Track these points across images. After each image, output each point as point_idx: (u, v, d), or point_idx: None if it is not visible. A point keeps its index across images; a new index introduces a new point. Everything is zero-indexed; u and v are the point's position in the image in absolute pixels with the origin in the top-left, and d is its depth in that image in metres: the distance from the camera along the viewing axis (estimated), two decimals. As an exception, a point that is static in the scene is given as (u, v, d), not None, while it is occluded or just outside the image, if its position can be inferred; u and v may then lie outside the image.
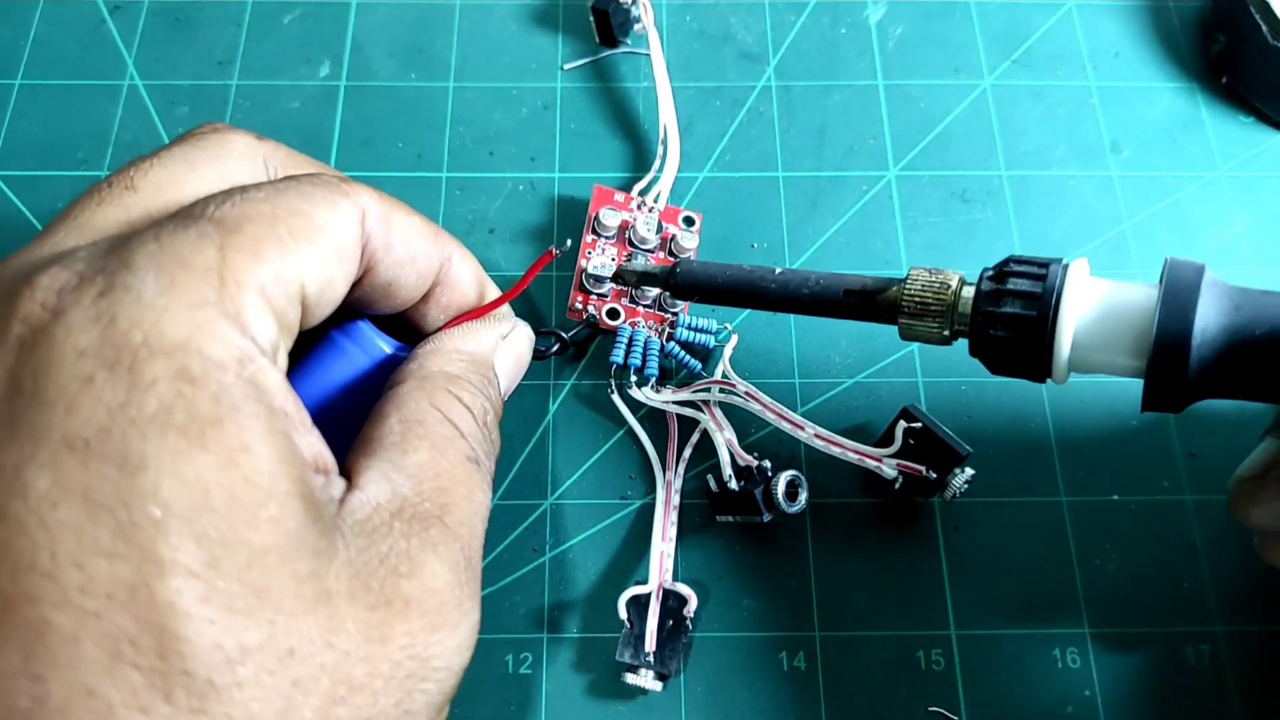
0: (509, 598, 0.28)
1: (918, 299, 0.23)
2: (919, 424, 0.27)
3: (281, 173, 0.23)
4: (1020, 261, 0.22)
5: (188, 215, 0.19)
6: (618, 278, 0.29)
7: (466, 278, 0.25)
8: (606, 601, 0.28)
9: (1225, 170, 0.35)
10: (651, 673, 0.26)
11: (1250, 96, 0.35)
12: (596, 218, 0.32)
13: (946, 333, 0.23)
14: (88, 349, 0.17)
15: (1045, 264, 0.22)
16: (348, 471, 0.21)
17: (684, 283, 0.26)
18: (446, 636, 0.20)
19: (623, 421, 0.30)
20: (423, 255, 0.23)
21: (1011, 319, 0.22)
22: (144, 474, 0.16)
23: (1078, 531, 0.29)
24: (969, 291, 0.23)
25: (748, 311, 0.32)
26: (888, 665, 0.27)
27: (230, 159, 0.23)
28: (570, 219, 0.34)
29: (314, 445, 0.19)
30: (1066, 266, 0.22)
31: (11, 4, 0.37)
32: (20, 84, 0.36)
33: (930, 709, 0.27)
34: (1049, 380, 0.22)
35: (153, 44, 0.37)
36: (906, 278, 0.24)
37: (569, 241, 0.26)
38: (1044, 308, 0.21)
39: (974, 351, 0.23)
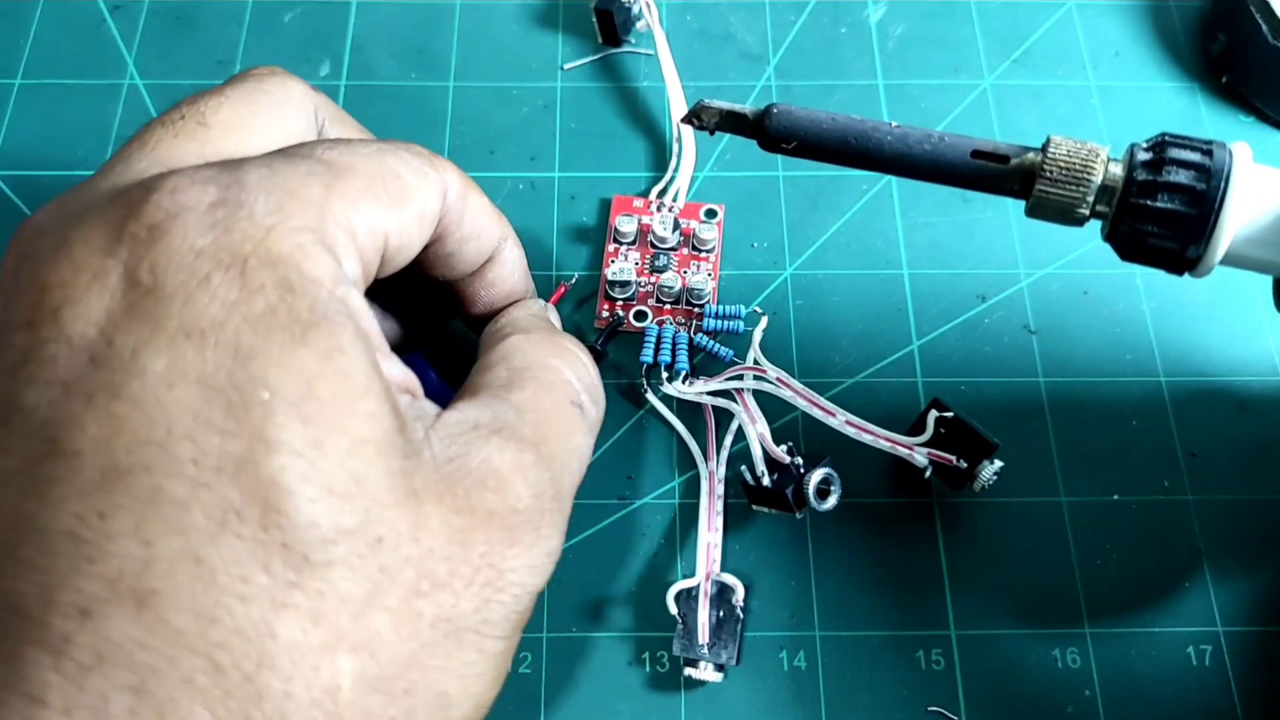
0: (509, 597, 0.28)
1: (1063, 164, 0.21)
2: (950, 413, 0.27)
3: (329, 126, 0.25)
4: (1178, 145, 0.20)
5: (298, 153, 0.21)
6: (694, 116, 0.24)
7: (515, 259, 0.27)
8: (606, 601, 0.28)
9: (1226, 170, 0.34)
10: (710, 665, 0.26)
11: (1250, 96, 0.35)
12: (615, 226, 0.32)
13: (1085, 211, 0.21)
14: (204, 250, 0.18)
15: (1208, 150, 0.20)
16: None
17: (780, 127, 0.23)
18: (522, 553, 0.20)
19: (624, 420, 0.30)
20: (485, 234, 0.25)
21: (1167, 217, 0.20)
22: (254, 362, 0.17)
23: (1078, 531, 0.29)
24: (1117, 170, 0.21)
25: (759, 299, 0.32)
26: (888, 665, 0.27)
27: (288, 105, 0.24)
28: (570, 218, 0.34)
29: (397, 368, 0.20)
30: (1232, 154, 0.20)
31: (11, 4, 0.37)
32: (20, 83, 0.36)
33: (930, 709, 0.27)
34: (1185, 274, 0.21)
35: (153, 43, 0.37)
36: (1047, 143, 0.22)
37: (575, 277, 0.30)
38: (1206, 206, 0.20)
39: (1109, 238, 0.22)
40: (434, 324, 0.29)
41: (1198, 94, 0.36)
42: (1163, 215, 0.20)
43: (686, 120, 0.25)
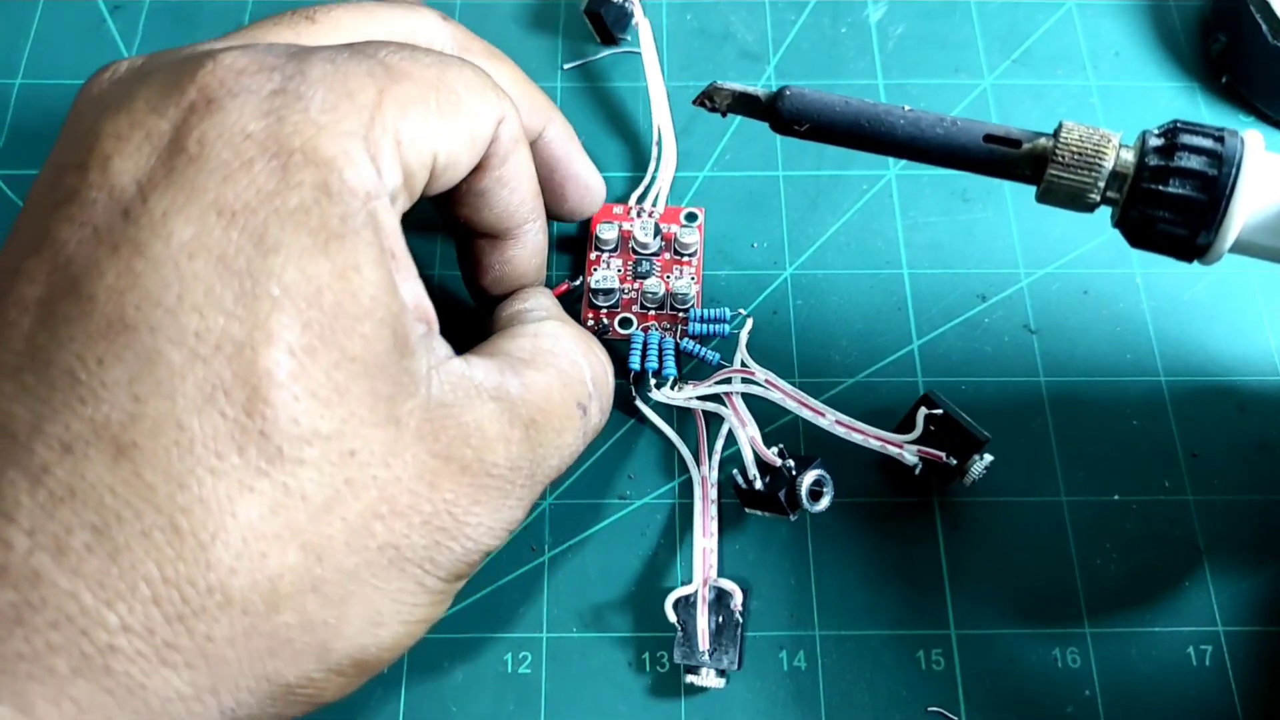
0: (508, 597, 0.28)
1: (1075, 149, 0.21)
2: (939, 410, 0.27)
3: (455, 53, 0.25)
4: (1191, 131, 0.21)
5: (362, 51, 0.21)
6: (707, 97, 0.25)
7: (538, 247, 0.27)
8: (606, 601, 0.28)
9: (1226, 170, 0.34)
10: (712, 671, 0.26)
11: (1251, 96, 0.35)
12: (596, 234, 0.32)
13: (1095, 197, 0.21)
14: (254, 134, 0.19)
15: (1220, 137, 0.20)
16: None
17: (793, 109, 0.23)
18: (484, 512, 0.21)
19: (623, 421, 0.30)
20: (521, 190, 0.25)
21: (1178, 202, 0.20)
22: (275, 256, 0.18)
23: (1078, 531, 0.29)
24: (1128, 156, 0.21)
25: (750, 308, 0.32)
26: (888, 665, 0.27)
27: (415, 22, 0.25)
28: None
29: (415, 293, 0.21)
30: (1244, 142, 0.20)
31: (12, 3, 0.37)
32: (20, 83, 0.36)
33: (930, 709, 0.27)
34: (1196, 261, 0.21)
35: (153, 43, 0.37)
36: (1059, 128, 0.22)
37: (581, 278, 0.30)
38: (1217, 192, 0.20)
39: (1119, 224, 0.22)
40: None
41: (1198, 94, 0.36)
42: (1174, 200, 0.20)
43: (699, 102, 0.25)
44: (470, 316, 0.28)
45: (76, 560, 0.17)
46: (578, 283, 0.31)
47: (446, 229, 0.28)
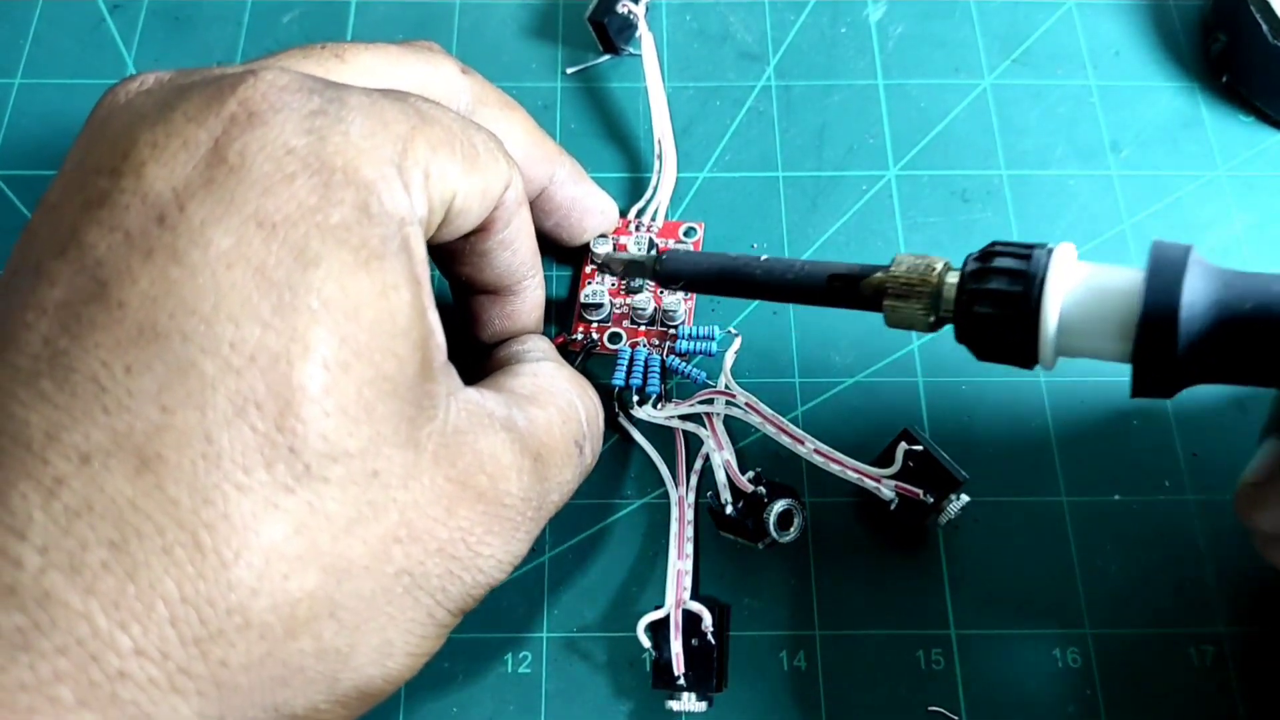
0: (508, 597, 0.28)
1: (903, 281, 0.23)
2: (919, 447, 0.27)
3: (471, 106, 0.27)
4: (1005, 245, 0.22)
5: (395, 94, 0.22)
6: (604, 267, 0.29)
7: (537, 301, 0.28)
8: (606, 601, 0.28)
9: (1225, 170, 0.34)
10: (692, 695, 0.26)
11: (1251, 96, 0.35)
12: (589, 248, 0.32)
13: (931, 318, 0.23)
14: (296, 150, 0.19)
15: (1030, 246, 0.22)
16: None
17: (670, 271, 0.26)
18: (496, 543, 0.21)
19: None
20: (521, 251, 0.26)
21: (997, 295, 0.21)
22: (315, 270, 0.18)
23: (1078, 531, 0.29)
24: (954, 276, 0.23)
25: (748, 310, 0.32)
26: (888, 665, 0.27)
27: (435, 73, 0.25)
28: (570, 219, 0.34)
29: (434, 320, 0.21)
30: (1051, 249, 0.22)
31: (11, 3, 0.37)
32: (20, 83, 0.36)
33: (930, 709, 0.27)
34: (1037, 366, 0.22)
35: (152, 43, 0.37)
36: (892, 262, 0.24)
37: (579, 335, 0.31)
38: (1029, 283, 0.21)
39: (960, 336, 0.23)
40: None
41: (1198, 94, 0.36)
42: (989, 320, 0.22)
43: (601, 270, 0.29)
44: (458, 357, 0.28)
45: (91, 578, 0.16)
46: (579, 339, 0.31)
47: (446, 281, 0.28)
